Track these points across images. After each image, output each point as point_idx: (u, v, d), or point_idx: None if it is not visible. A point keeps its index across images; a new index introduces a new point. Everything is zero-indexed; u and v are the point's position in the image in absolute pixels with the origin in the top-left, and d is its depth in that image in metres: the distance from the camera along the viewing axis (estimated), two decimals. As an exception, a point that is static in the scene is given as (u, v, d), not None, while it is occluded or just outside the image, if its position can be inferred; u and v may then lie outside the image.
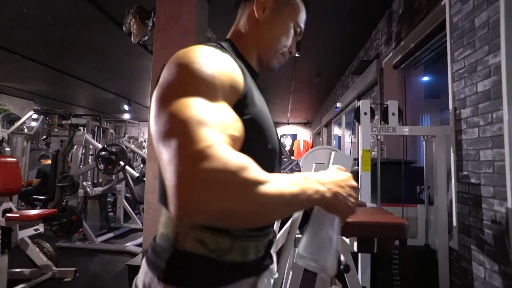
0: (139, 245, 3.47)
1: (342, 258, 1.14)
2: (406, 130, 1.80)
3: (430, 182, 1.92)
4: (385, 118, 1.83)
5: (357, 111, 1.80)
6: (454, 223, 1.69)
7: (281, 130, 11.14)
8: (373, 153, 3.25)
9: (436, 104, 2.97)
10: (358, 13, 3.22)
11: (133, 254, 3.19)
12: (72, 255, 3.15)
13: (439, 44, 2.30)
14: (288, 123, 11.08)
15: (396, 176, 1.86)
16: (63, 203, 3.68)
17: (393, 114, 1.79)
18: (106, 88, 6.55)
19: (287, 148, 10.32)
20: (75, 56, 4.63)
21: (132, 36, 2.54)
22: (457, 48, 1.75)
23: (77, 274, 2.58)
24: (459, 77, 1.72)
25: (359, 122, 1.79)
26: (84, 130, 4.23)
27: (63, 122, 4.11)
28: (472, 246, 1.55)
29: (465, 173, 1.62)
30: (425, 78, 3.08)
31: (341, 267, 1.11)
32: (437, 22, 2.11)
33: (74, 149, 3.78)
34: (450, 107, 1.78)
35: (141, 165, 5.23)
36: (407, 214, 1.80)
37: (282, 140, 10.34)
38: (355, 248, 0.84)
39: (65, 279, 2.52)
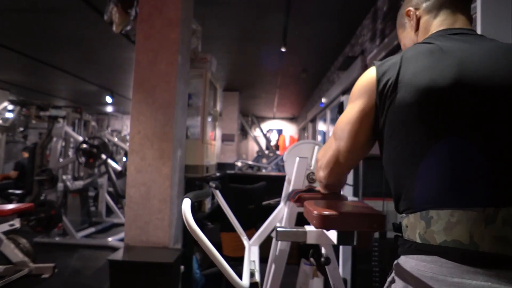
0: (121, 239, 3.42)
1: (323, 251, 1.16)
2: (387, 126, 1.84)
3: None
4: (368, 114, 1.86)
5: (340, 106, 1.82)
6: (431, 216, 1.75)
7: (267, 125, 11.17)
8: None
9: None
10: (344, 10, 3.24)
11: (115, 249, 3.13)
12: (51, 251, 3.07)
13: (421, 42, 2.35)
14: (274, 118, 11.11)
15: (378, 171, 1.89)
16: (42, 198, 3.56)
17: (376, 110, 1.83)
18: (87, 79, 6.34)
19: (273, 143, 10.36)
20: (54, 45, 4.46)
21: (114, 26, 2.46)
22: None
23: (55, 270, 2.52)
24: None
25: (342, 117, 1.81)
26: (64, 122, 4.09)
27: (41, 113, 3.96)
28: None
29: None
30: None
31: (322, 259, 1.13)
32: (420, 20, 2.15)
33: (53, 141, 3.66)
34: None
35: (124, 159, 5.13)
36: (387, 207, 1.85)
37: (268, 135, 10.37)
38: (335, 241, 0.85)
39: (43, 276, 2.45)
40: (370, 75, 0.68)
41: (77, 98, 8.62)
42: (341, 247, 1.71)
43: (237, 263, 1.49)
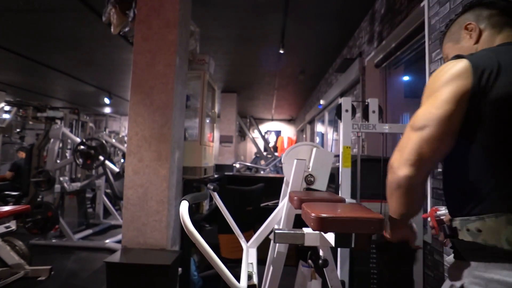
0: (119, 241, 3.40)
1: (321, 253, 1.16)
2: (386, 127, 1.84)
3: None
4: (365, 116, 1.87)
5: (338, 108, 1.83)
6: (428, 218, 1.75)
7: (265, 127, 11.17)
8: (354, 150, 3.32)
9: (416, 104, 3.03)
10: (342, 12, 3.26)
11: (112, 251, 3.12)
12: (47, 253, 3.05)
13: (418, 45, 2.36)
14: (272, 120, 11.11)
15: (376, 173, 1.90)
16: (38, 199, 3.54)
17: (374, 112, 1.83)
18: (85, 80, 6.32)
19: (271, 145, 10.36)
20: (51, 46, 4.44)
21: (112, 27, 2.46)
22: (434, 49, 1.80)
23: (52, 273, 2.50)
24: (436, 77, 1.77)
25: (340, 119, 1.82)
26: (61, 123, 4.07)
27: (38, 114, 3.95)
28: (445, 240, 1.62)
29: (439, 170, 1.68)
30: (406, 78, 3.16)
31: (320, 261, 1.13)
32: (417, 23, 2.16)
33: (50, 143, 3.64)
34: (428, 106, 1.83)
35: (122, 160, 5.11)
36: (385, 209, 1.85)
37: (266, 137, 10.37)
38: (333, 243, 0.85)
39: (39, 278, 2.43)
40: (460, 63, 0.67)
41: (74, 99, 8.59)
42: (339, 249, 1.71)
43: (235, 265, 1.48)
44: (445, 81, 0.67)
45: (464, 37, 0.81)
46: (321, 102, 5.35)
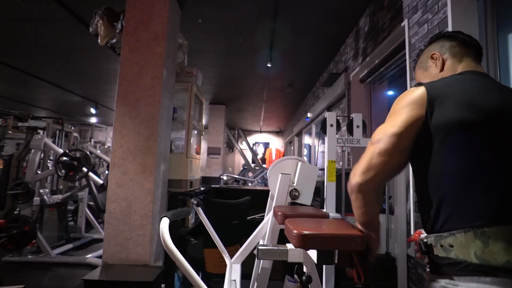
0: (101, 256, 3.29)
1: (305, 269, 1.15)
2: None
3: (391, 192, 2.01)
4: (350, 130, 1.90)
5: (323, 122, 1.85)
6: (412, 232, 1.77)
7: (253, 138, 11.19)
8: (341, 163, 3.36)
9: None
10: (329, 28, 3.35)
11: (93, 267, 3.00)
12: (22, 271, 2.89)
13: (400, 62, 2.44)
14: (260, 131, 11.16)
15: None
16: (15, 212, 3.40)
17: (358, 126, 1.87)
18: (71, 90, 6.23)
19: (259, 156, 10.36)
20: (36, 55, 4.37)
21: (99, 38, 2.45)
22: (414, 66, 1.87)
23: (26, 291, 2.38)
24: (417, 93, 1.84)
25: (325, 133, 1.84)
26: (44, 133, 3.97)
27: (19, 124, 3.83)
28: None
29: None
30: (389, 93, 3.25)
31: (304, 278, 1.12)
32: (398, 41, 2.25)
33: (31, 153, 3.53)
34: (409, 121, 1.89)
35: (107, 172, 4.99)
36: (369, 223, 1.87)
37: (254, 148, 10.38)
38: (315, 260, 0.85)
39: (12, 297, 2.31)
40: (419, 90, 0.76)
41: (60, 109, 8.42)
42: (324, 265, 1.70)
43: (220, 280, 1.45)
44: (404, 105, 0.76)
45: (431, 66, 0.91)
46: (309, 115, 5.43)
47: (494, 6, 1.51)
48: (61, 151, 3.52)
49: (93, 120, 9.90)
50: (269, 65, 4.01)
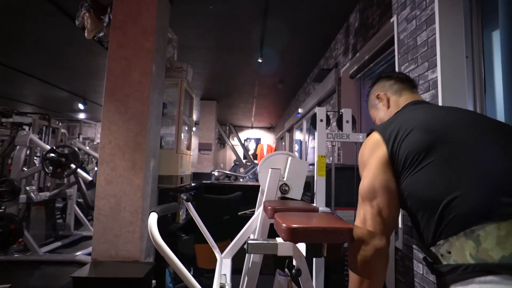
0: (90, 254, 3.25)
1: (295, 262, 1.17)
2: (359, 137, 1.90)
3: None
4: (339, 125, 1.92)
5: (313, 117, 1.87)
6: (400, 225, 1.81)
7: (245, 134, 11.18)
8: (331, 158, 3.39)
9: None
10: (319, 24, 3.36)
11: (83, 264, 2.97)
12: (8, 270, 2.83)
13: (390, 58, 2.47)
14: (252, 127, 11.16)
15: (350, 181, 1.95)
16: (0, 211, 3.32)
17: (347, 121, 1.89)
18: (58, 85, 6.09)
19: (251, 152, 10.37)
20: (20, 48, 4.25)
21: (86, 32, 2.39)
22: (403, 62, 1.90)
23: (13, 290, 2.34)
24: (405, 89, 1.86)
25: (315, 128, 1.85)
26: (29, 129, 3.88)
27: (3, 120, 3.73)
28: (414, 245, 1.68)
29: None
30: (379, 89, 3.28)
31: (293, 271, 1.13)
32: (387, 38, 2.27)
33: (16, 150, 3.45)
34: (398, 116, 1.92)
35: (96, 168, 4.91)
36: (359, 217, 1.90)
37: (246, 144, 10.37)
38: (304, 253, 0.86)
39: (-2, 296, 2.27)
40: (373, 136, 0.86)
41: (46, 105, 8.23)
42: (314, 259, 1.72)
43: (212, 275, 1.46)
44: (369, 154, 0.85)
45: (379, 105, 1.06)
46: (300, 110, 5.45)
47: (480, 3, 1.54)
48: (48, 147, 3.45)
49: (82, 116, 9.72)
50: (260, 60, 4.00)
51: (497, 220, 0.59)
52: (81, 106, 7.20)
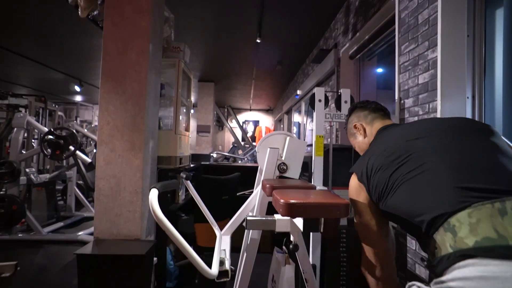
0: (92, 233, 3.32)
1: (292, 238, 1.20)
2: (357, 118, 1.90)
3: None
4: (338, 106, 1.92)
5: (312, 98, 1.86)
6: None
7: (243, 116, 11.14)
8: (329, 140, 3.40)
9: (389, 95, 3.16)
10: (319, 3, 3.28)
11: (85, 243, 3.03)
12: (13, 249, 2.91)
13: (390, 38, 2.44)
14: (250, 110, 11.10)
15: (347, 162, 1.97)
16: (1, 192, 3.35)
17: (346, 102, 1.88)
18: (53, 66, 5.98)
19: (249, 134, 10.38)
20: (12, 29, 4.14)
21: (79, 10, 2.33)
22: (403, 42, 1.87)
23: (18, 268, 2.39)
24: (404, 69, 1.85)
25: (313, 108, 1.85)
26: (26, 111, 3.85)
27: (-1, 102, 3.70)
28: (409, 224, 1.73)
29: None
30: (379, 70, 3.26)
31: (291, 247, 1.17)
32: (388, 17, 2.23)
33: (13, 132, 3.44)
34: (396, 97, 1.92)
35: (94, 151, 4.92)
36: (355, 196, 1.94)
37: (244, 127, 10.36)
38: (302, 228, 0.88)
39: (3, 275, 2.32)
40: (353, 180, 1.03)
41: (41, 87, 8.11)
42: (311, 235, 1.77)
43: (211, 253, 1.50)
44: (355, 198, 0.98)
45: (356, 133, 1.18)
46: (298, 92, 5.41)
47: (483, -20, 1.50)
48: (45, 129, 3.44)
49: (78, 98, 9.62)
50: (258, 40, 3.93)
51: (467, 208, 0.64)
52: (77, 88, 7.11)
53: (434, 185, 0.73)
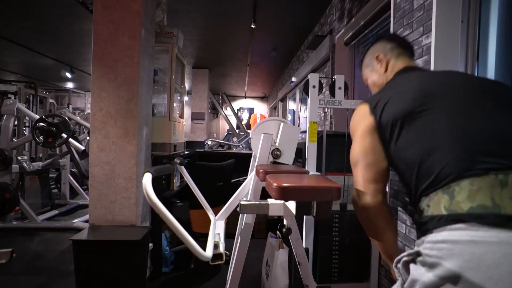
0: (87, 221, 3.33)
1: (285, 222, 1.22)
2: (351, 103, 1.91)
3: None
4: (332, 92, 1.92)
5: (306, 84, 1.85)
6: (387, 189, 1.88)
7: (238, 104, 11.08)
8: (323, 126, 3.41)
9: (382, 82, 3.17)
10: (314, -13, 3.22)
11: (80, 230, 3.05)
12: (8, 236, 2.91)
13: (385, 24, 2.42)
14: (245, 97, 11.04)
15: (341, 148, 1.98)
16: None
17: (340, 88, 1.88)
18: (42, 52, 5.82)
19: (244, 122, 10.35)
20: (0, 13, 4.00)
21: (68, -7, 2.26)
22: (398, 27, 1.86)
23: (14, 255, 2.40)
24: (399, 55, 1.85)
25: (307, 94, 1.85)
26: (15, 98, 3.77)
27: (-12, 88, 3.61)
28: (399, 208, 1.77)
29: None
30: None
31: (284, 230, 1.19)
32: (384, 2, 2.20)
33: (3, 120, 3.38)
34: (390, 83, 1.92)
35: (88, 138, 4.88)
36: (348, 182, 1.96)
37: (239, 114, 10.32)
38: (294, 212, 0.90)
39: None
40: (362, 107, 0.90)
41: (31, 73, 7.92)
42: (304, 219, 1.80)
43: (206, 239, 1.52)
44: (357, 123, 0.90)
45: (376, 66, 1.05)
46: (293, 79, 5.38)
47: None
48: (37, 116, 3.39)
49: (70, 85, 9.44)
50: (253, 26, 3.86)
51: (472, 176, 0.65)
52: (68, 75, 6.96)
53: (449, 145, 0.70)
